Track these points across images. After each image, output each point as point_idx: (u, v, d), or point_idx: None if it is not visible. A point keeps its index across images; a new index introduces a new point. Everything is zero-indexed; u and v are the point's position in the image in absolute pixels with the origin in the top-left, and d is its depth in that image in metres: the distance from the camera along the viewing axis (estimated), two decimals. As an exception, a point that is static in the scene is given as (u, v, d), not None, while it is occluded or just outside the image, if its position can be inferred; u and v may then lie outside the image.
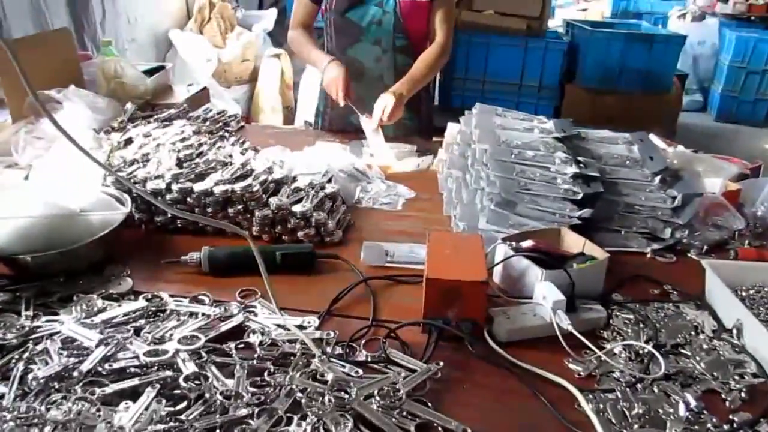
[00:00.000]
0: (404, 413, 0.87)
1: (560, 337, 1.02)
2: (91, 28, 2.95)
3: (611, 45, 4.09)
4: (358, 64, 2.00)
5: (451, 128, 1.79)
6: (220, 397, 0.85)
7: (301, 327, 1.04)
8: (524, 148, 1.43)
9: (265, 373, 0.92)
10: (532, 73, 4.08)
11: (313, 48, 2.01)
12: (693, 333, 1.09)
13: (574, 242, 1.25)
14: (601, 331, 1.09)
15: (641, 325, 1.10)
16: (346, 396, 0.87)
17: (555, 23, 5.21)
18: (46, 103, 1.72)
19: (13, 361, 0.91)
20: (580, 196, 1.33)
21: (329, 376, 0.90)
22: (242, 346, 0.99)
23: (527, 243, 1.19)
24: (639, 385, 0.96)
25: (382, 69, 2.00)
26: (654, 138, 1.76)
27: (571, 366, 1.00)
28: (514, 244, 1.20)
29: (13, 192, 1.27)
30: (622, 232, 1.40)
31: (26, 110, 1.72)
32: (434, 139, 2.11)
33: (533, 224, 1.31)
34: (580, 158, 1.40)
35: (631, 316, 1.13)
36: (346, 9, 1.95)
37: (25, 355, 0.92)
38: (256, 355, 0.96)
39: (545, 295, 1.07)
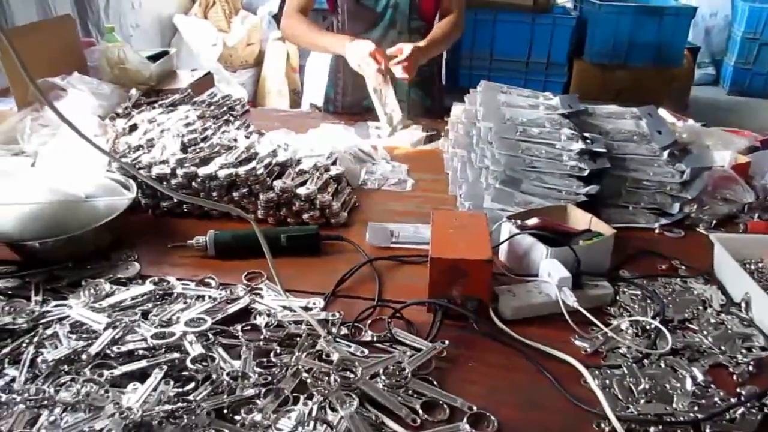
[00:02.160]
0: (410, 392, 0.87)
1: (566, 314, 1.02)
2: (95, 14, 2.95)
3: (620, 19, 4.02)
4: None
5: (456, 108, 1.78)
6: (227, 378, 0.86)
7: (306, 308, 1.04)
8: (529, 125, 1.41)
9: (272, 354, 0.93)
10: (539, 49, 4.03)
11: (320, 31, 1.91)
12: (701, 307, 1.08)
13: (580, 219, 1.24)
14: (608, 308, 1.08)
15: (648, 301, 1.10)
16: (352, 375, 0.87)
17: (563, -2, 5.12)
18: (51, 91, 1.72)
19: (24, 345, 0.92)
20: (586, 173, 1.32)
21: (335, 356, 0.91)
22: (248, 327, 0.99)
23: (533, 221, 1.19)
24: (646, 361, 0.95)
25: None
26: (663, 112, 1.74)
27: (577, 343, 1.00)
28: (519, 222, 1.19)
29: (20, 179, 1.28)
30: (630, 208, 1.39)
31: (31, 98, 1.72)
32: (445, 118, 2.10)
33: (539, 202, 1.30)
34: (586, 134, 1.39)
35: (638, 292, 1.12)
36: None
37: (35, 339, 0.93)
38: (262, 337, 0.97)
39: (551, 272, 1.07)
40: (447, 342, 0.96)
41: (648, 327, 1.02)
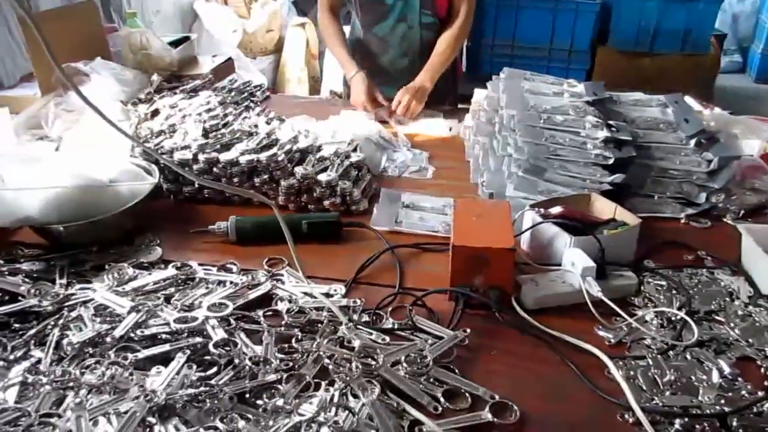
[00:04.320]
0: (431, 380, 0.87)
1: (590, 304, 1.01)
2: (117, 0, 2.96)
3: (646, 5, 3.93)
4: (384, 41, 1.97)
5: (478, 94, 1.76)
6: (249, 363, 0.87)
7: (327, 295, 1.04)
8: (553, 112, 1.39)
9: (293, 340, 0.93)
10: (562, 36, 3.96)
11: (340, 46, 1.98)
12: (728, 299, 1.06)
13: (604, 208, 1.22)
14: (632, 298, 1.07)
15: (674, 292, 1.08)
16: (373, 362, 0.87)
17: (586, -16, 5.02)
18: (74, 76, 1.73)
19: (49, 327, 0.94)
20: (611, 161, 1.30)
21: (356, 343, 0.90)
22: (270, 313, 1.00)
23: (556, 209, 1.17)
24: (671, 352, 0.94)
25: (408, 45, 1.97)
26: (690, 100, 1.70)
27: (601, 333, 0.99)
28: (542, 210, 1.18)
29: (44, 164, 1.29)
30: (656, 198, 1.36)
31: (55, 83, 1.73)
32: (459, 105, 2.08)
33: (562, 190, 1.28)
34: (611, 122, 1.36)
35: (664, 283, 1.10)
36: None
37: (60, 321, 0.95)
38: (283, 323, 0.97)
39: (574, 261, 1.05)
40: (468, 331, 0.96)
41: (673, 318, 1.01)
